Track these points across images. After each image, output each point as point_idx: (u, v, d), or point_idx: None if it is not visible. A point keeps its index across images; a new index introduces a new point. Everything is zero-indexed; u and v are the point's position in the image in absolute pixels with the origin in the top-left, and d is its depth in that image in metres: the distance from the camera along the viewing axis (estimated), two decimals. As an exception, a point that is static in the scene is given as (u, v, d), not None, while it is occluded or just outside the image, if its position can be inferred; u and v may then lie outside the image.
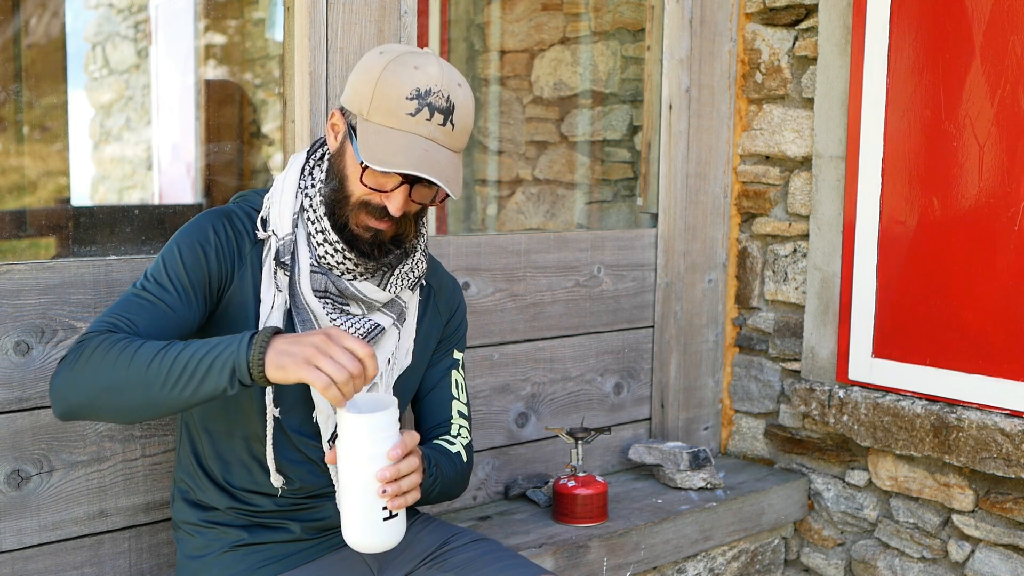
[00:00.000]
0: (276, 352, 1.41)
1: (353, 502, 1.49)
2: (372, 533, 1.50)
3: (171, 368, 1.43)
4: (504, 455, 2.52)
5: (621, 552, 2.32)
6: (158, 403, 1.45)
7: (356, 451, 1.46)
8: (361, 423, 1.45)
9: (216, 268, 1.63)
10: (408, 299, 1.75)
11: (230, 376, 1.42)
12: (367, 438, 1.46)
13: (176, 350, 1.44)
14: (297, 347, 1.40)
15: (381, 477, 1.45)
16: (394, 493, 1.46)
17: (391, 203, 1.57)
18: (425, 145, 1.54)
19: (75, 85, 5.13)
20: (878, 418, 2.49)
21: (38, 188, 4.13)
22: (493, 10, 3.81)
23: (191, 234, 1.64)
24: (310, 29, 2.05)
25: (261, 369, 1.41)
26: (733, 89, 2.84)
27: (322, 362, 1.39)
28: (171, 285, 1.58)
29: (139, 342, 1.47)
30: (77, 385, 1.48)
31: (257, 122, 4.49)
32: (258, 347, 1.41)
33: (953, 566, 2.49)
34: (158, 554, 1.98)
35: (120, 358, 1.45)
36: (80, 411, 1.50)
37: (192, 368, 1.43)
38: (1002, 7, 2.29)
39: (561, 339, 2.59)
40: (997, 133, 2.32)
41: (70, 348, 1.52)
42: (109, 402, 1.47)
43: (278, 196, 1.67)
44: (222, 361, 1.42)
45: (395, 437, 1.48)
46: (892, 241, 2.51)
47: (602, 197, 3.41)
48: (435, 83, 1.54)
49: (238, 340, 1.43)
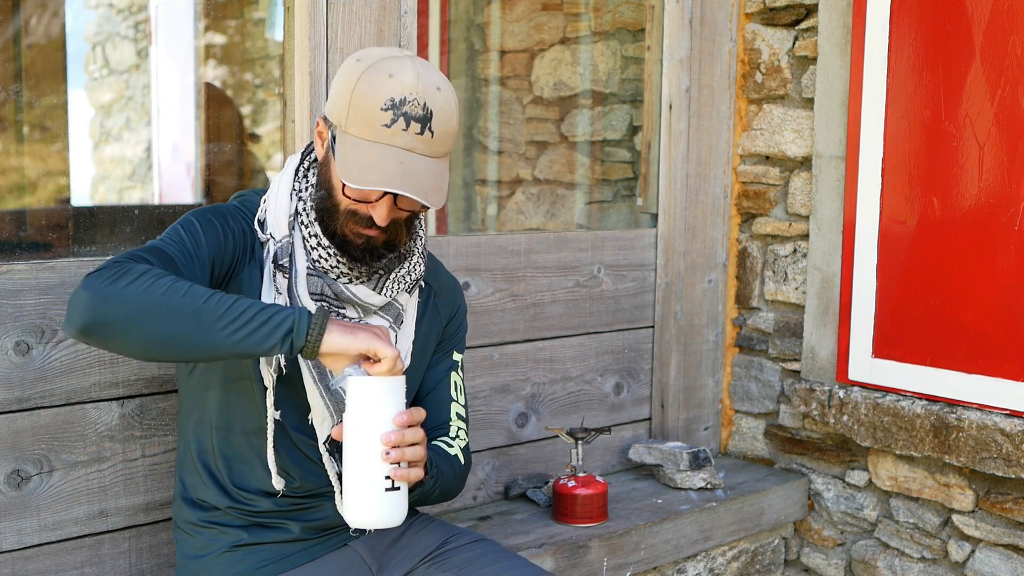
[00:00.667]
0: (341, 326, 1.47)
1: (356, 469, 1.48)
2: (374, 505, 1.48)
3: (228, 310, 1.43)
4: (504, 455, 2.52)
5: (621, 552, 2.32)
6: (201, 339, 1.43)
7: (363, 415, 1.47)
8: (370, 384, 1.47)
9: (231, 252, 1.63)
10: (406, 302, 1.75)
11: (283, 335, 1.44)
12: (375, 400, 1.47)
13: (232, 298, 1.45)
14: (358, 328, 1.49)
15: (386, 440, 1.45)
16: (397, 458, 1.46)
17: (376, 214, 1.57)
18: (402, 157, 1.52)
19: (75, 85, 5.13)
20: (878, 418, 2.49)
21: (38, 188, 4.13)
22: (493, 10, 3.81)
23: (211, 213, 1.64)
24: (310, 29, 2.05)
25: (319, 337, 1.45)
26: (733, 89, 2.84)
27: (386, 339, 1.48)
28: (190, 252, 1.57)
29: (188, 281, 1.46)
30: (119, 298, 1.42)
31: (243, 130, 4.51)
32: (320, 319, 1.46)
33: (953, 566, 2.49)
34: (158, 554, 1.98)
35: (174, 287, 1.43)
36: (108, 327, 1.42)
37: (248, 316, 1.43)
38: (1002, 7, 2.29)
39: (561, 339, 2.59)
40: (997, 133, 2.32)
41: (104, 265, 1.46)
42: (149, 324, 1.42)
43: (274, 198, 1.67)
44: (280, 319, 1.44)
45: (402, 406, 1.49)
46: (892, 241, 2.51)
47: (602, 197, 3.41)
48: (410, 91, 1.52)
49: (296, 309, 1.46)
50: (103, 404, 1.88)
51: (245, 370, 1.66)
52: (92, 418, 1.87)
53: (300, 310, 1.46)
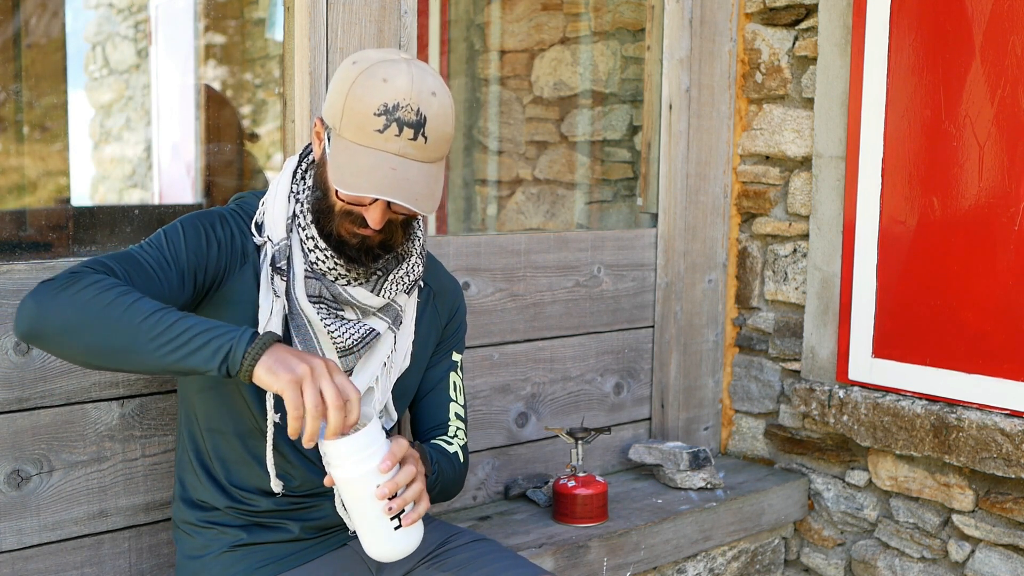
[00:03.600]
0: (273, 358, 1.42)
1: (361, 521, 1.50)
2: (390, 544, 1.51)
3: (167, 329, 1.42)
4: (504, 455, 2.52)
5: (621, 552, 2.32)
6: (137, 356, 1.42)
7: (346, 474, 1.47)
8: (339, 447, 1.45)
9: (215, 260, 1.62)
10: (404, 303, 1.75)
11: (221, 360, 1.41)
12: (351, 459, 1.46)
13: (176, 315, 1.44)
14: (294, 362, 1.42)
15: (381, 495, 1.46)
16: (400, 507, 1.48)
17: (370, 217, 1.57)
18: (394, 163, 1.52)
19: (75, 85, 5.14)
20: (878, 418, 2.49)
21: (38, 188, 4.13)
22: (493, 10, 3.81)
23: (199, 219, 1.64)
24: (310, 29, 2.05)
25: (252, 365, 1.41)
26: (733, 89, 2.84)
27: (307, 388, 1.41)
28: (168, 259, 1.57)
29: (138, 294, 1.46)
30: (62, 308, 1.44)
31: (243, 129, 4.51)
32: (259, 346, 1.42)
33: (953, 566, 2.49)
34: (158, 554, 1.98)
35: (118, 300, 1.43)
36: (48, 335, 1.44)
37: (187, 338, 1.42)
38: (1002, 7, 2.29)
39: (561, 339, 2.59)
40: (997, 133, 2.32)
41: (59, 274, 1.48)
42: (87, 336, 1.43)
43: (272, 201, 1.67)
44: (218, 343, 1.42)
45: (382, 450, 1.48)
46: (892, 241, 2.51)
47: (602, 197, 3.41)
48: (403, 97, 1.51)
49: (240, 331, 1.43)
50: (103, 404, 1.88)
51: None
52: (92, 418, 1.87)
53: (242, 334, 1.43)
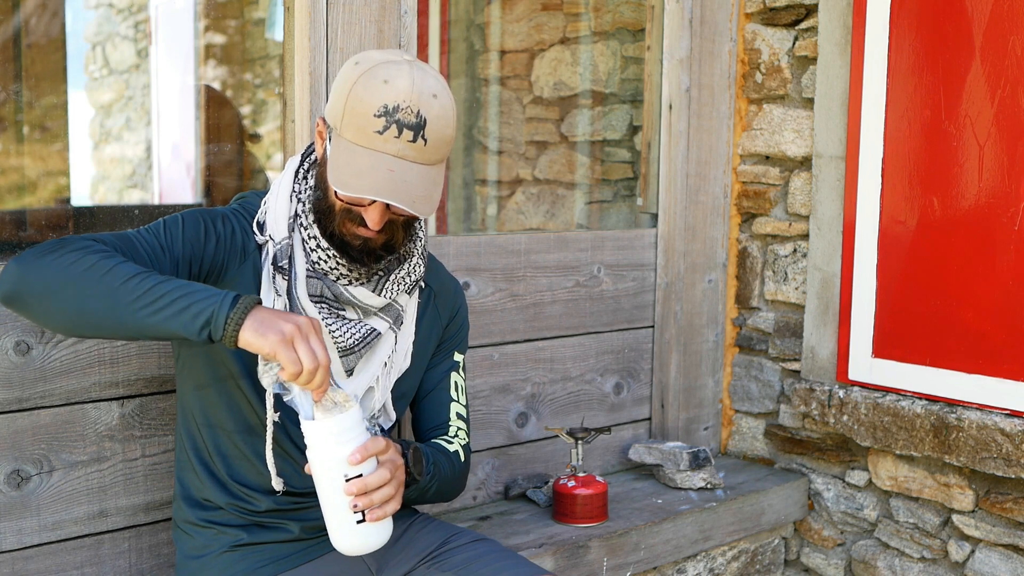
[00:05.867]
0: (258, 320, 1.42)
1: (325, 507, 1.52)
2: (350, 536, 1.52)
3: (147, 292, 1.41)
4: (504, 455, 2.52)
5: (621, 552, 2.32)
6: (116, 319, 1.42)
7: (317, 456, 1.48)
8: (315, 428, 1.47)
9: (211, 253, 1.62)
10: (405, 303, 1.75)
11: (202, 324, 1.40)
12: (327, 441, 1.47)
13: (157, 279, 1.43)
14: (281, 322, 1.42)
15: (348, 491, 1.47)
16: (365, 505, 1.48)
17: (368, 218, 1.58)
18: (392, 164, 1.51)
19: (75, 85, 5.13)
20: (878, 418, 2.49)
21: (38, 188, 4.13)
22: (493, 10, 3.81)
23: (201, 213, 1.65)
24: (310, 29, 2.05)
25: (237, 329, 1.40)
26: (733, 89, 2.84)
27: (300, 346, 1.41)
28: (163, 245, 1.57)
29: (122, 258, 1.45)
30: (42, 271, 1.43)
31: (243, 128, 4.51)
32: (241, 308, 1.41)
33: (953, 566, 2.49)
34: (158, 554, 1.98)
35: (99, 263, 1.42)
36: (27, 298, 1.44)
37: (168, 300, 1.41)
38: (1002, 7, 2.29)
39: (561, 339, 2.59)
40: (997, 133, 2.32)
41: (45, 241, 1.47)
42: (66, 299, 1.42)
43: (274, 200, 1.68)
44: (200, 307, 1.41)
45: (357, 440, 1.48)
46: (892, 241, 2.51)
47: (602, 197, 3.42)
48: (404, 99, 1.51)
49: (221, 295, 1.42)
50: (103, 404, 1.88)
51: (228, 370, 1.66)
52: (92, 418, 1.87)
53: (224, 297, 1.42)
